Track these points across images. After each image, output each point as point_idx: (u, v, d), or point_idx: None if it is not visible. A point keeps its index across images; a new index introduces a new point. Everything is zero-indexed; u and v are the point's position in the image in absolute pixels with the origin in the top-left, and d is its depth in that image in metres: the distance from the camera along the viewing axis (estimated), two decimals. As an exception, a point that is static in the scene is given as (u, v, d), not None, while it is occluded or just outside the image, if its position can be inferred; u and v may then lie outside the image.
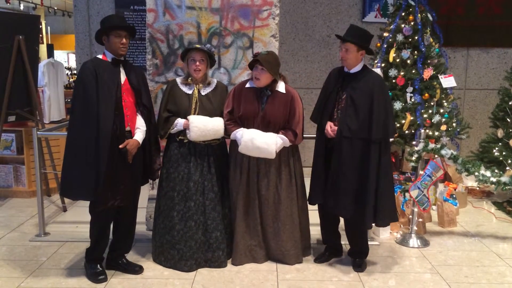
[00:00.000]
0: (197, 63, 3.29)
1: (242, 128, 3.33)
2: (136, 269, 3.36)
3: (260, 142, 3.23)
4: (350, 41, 3.19)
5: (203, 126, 3.24)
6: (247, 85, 3.40)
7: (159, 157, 3.42)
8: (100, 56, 3.16)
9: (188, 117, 3.28)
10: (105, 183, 2.98)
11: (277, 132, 3.33)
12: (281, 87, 3.36)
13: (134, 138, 3.16)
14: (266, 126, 3.32)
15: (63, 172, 3.13)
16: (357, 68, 3.29)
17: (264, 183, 3.39)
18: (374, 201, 3.20)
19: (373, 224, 4.00)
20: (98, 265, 3.29)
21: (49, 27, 13.16)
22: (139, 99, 3.22)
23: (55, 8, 12.16)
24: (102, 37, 3.12)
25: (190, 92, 3.38)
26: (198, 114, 3.31)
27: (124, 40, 3.10)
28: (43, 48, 11.75)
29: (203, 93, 3.38)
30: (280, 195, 3.41)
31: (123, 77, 3.16)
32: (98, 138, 2.95)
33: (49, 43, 12.73)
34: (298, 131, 3.35)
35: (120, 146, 3.06)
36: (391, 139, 3.43)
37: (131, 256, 3.55)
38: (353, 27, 3.31)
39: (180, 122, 3.31)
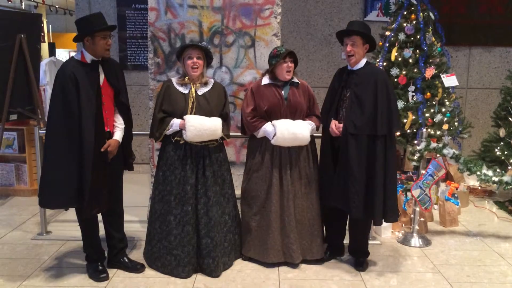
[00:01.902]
0: (194, 59, 3.21)
1: (270, 121, 3.35)
2: (138, 267, 3.36)
3: (296, 128, 3.27)
4: (358, 33, 3.19)
5: (200, 126, 3.14)
6: (263, 82, 3.42)
7: (131, 149, 3.40)
8: (78, 58, 3.06)
9: (185, 116, 3.19)
10: (90, 191, 2.94)
11: (303, 119, 3.39)
12: (295, 78, 3.45)
13: (114, 138, 3.14)
14: (293, 115, 3.37)
15: (41, 181, 3.06)
16: (360, 64, 3.28)
17: (296, 174, 3.39)
18: (383, 197, 3.20)
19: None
20: (100, 264, 3.29)
21: (50, 26, 13.16)
22: (118, 98, 3.18)
23: (57, 6, 12.16)
24: (85, 38, 3.01)
25: (186, 91, 3.28)
26: (195, 114, 3.21)
27: (109, 41, 3.05)
28: (44, 47, 11.75)
29: (200, 93, 3.29)
30: (311, 183, 3.43)
31: (101, 77, 3.10)
32: (82, 144, 2.92)
33: (51, 41, 12.74)
34: (319, 115, 3.47)
35: (102, 149, 3.03)
36: (397, 133, 3.42)
37: (133, 255, 3.55)
38: (355, 21, 3.32)
39: (176, 122, 3.21)
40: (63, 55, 13.71)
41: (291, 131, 3.25)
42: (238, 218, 3.54)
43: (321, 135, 3.53)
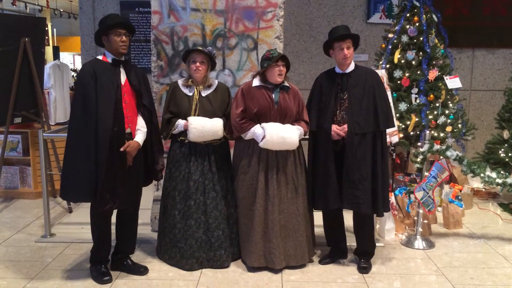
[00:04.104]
0: (197, 63, 3.34)
1: (259, 124, 3.34)
2: (141, 270, 3.37)
3: (285, 132, 3.27)
4: (351, 36, 3.32)
5: (201, 127, 3.28)
6: (254, 84, 3.42)
7: (162, 158, 3.42)
8: (100, 57, 3.15)
9: (188, 118, 3.33)
10: (103, 186, 2.96)
11: (292, 124, 3.39)
12: (286, 82, 3.46)
13: (134, 139, 3.15)
14: (283, 119, 3.36)
15: (62, 174, 3.12)
16: (352, 66, 3.38)
17: (282, 179, 3.39)
18: (382, 190, 3.32)
19: (378, 226, 4.02)
20: (103, 266, 3.29)
21: (55, 29, 13.24)
22: (140, 100, 3.21)
23: (61, 10, 12.23)
24: (102, 37, 3.11)
25: (190, 93, 3.42)
26: (198, 115, 3.35)
27: (124, 38, 3.09)
28: (49, 50, 11.82)
29: (203, 95, 3.42)
30: (297, 188, 3.42)
31: (123, 77, 3.14)
32: (97, 140, 2.94)
33: (55, 45, 12.82)
34: (308, 120, 3.46)
35: (121, 149, 3.04)
36: (400, 135, 3.46)
37: (136, 257, 3.56)
38: (339, 27, 3.41)
39: (180, 123, 3.36)
40: (67, 58, 13.80)
41: (280, 134, 3.25)
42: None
43: (308, 137, 3.53)
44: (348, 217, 3.67)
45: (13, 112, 4.75)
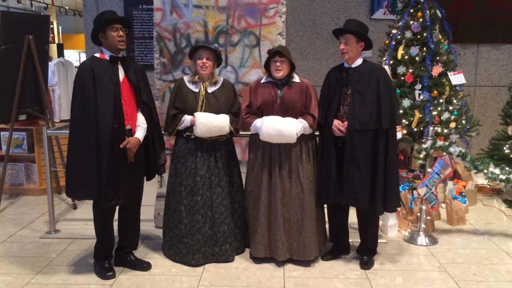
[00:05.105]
0: (204, 59, 3.37)
1: (261, 118, 3.38)
2: (144, 266, 3.39)
3: (281, 125, 3.28)
4: (349, 31, 3.26)
5: (209, 123, 3.31)
6: (263, 80, 3.47)
7: (163, 153, 3.44)
8: (97, 55, 3.15)
9: (195, 114, 3.35)
10: (107, 182, 2.98)
11: (296, 118, 3.39)
12: (296, 77, 3.46)
13: (134, 136, 3.17)
14: (285, 112, 3.37)
15: (67, 172, 3.15)
16: (358, 61, 3.34)
17: (285, 173, 3.39)
18: (383, 188, 3.27)
19: (381, 223, 4.02)
20: (107, 262, 3.32)
21: (60, 27, 13.28)
22: (139, 96, 3.22)
23: (66, 7, 12.27)
24: (99, 35, 3.11)
25: (196, 90, 3.44)
26: (204, 111, 3.37)
27: (121, 33, 3.09)
28: (53, 48, 11.86)
29: (209, 91, 3.45)
30: (303, 182, 3.41)
31: (121, 74, 3.15)
32: (98, 137, 2.96)
33: (61, 42, 12.87)
34: (316, 115, 3.42)
35: (121, 146, 3.05)
36: (404, 132, 3.41)
37: (140, 253, 3.59)
38: (350, 20, 3.38)
39: (187, 118, 3.38)
40: (73, 56, 13.84)
41: (276, 127, 3.27)
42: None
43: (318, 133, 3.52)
44: (351, 214, 3.68)
45: (18, 109, 4.78)
